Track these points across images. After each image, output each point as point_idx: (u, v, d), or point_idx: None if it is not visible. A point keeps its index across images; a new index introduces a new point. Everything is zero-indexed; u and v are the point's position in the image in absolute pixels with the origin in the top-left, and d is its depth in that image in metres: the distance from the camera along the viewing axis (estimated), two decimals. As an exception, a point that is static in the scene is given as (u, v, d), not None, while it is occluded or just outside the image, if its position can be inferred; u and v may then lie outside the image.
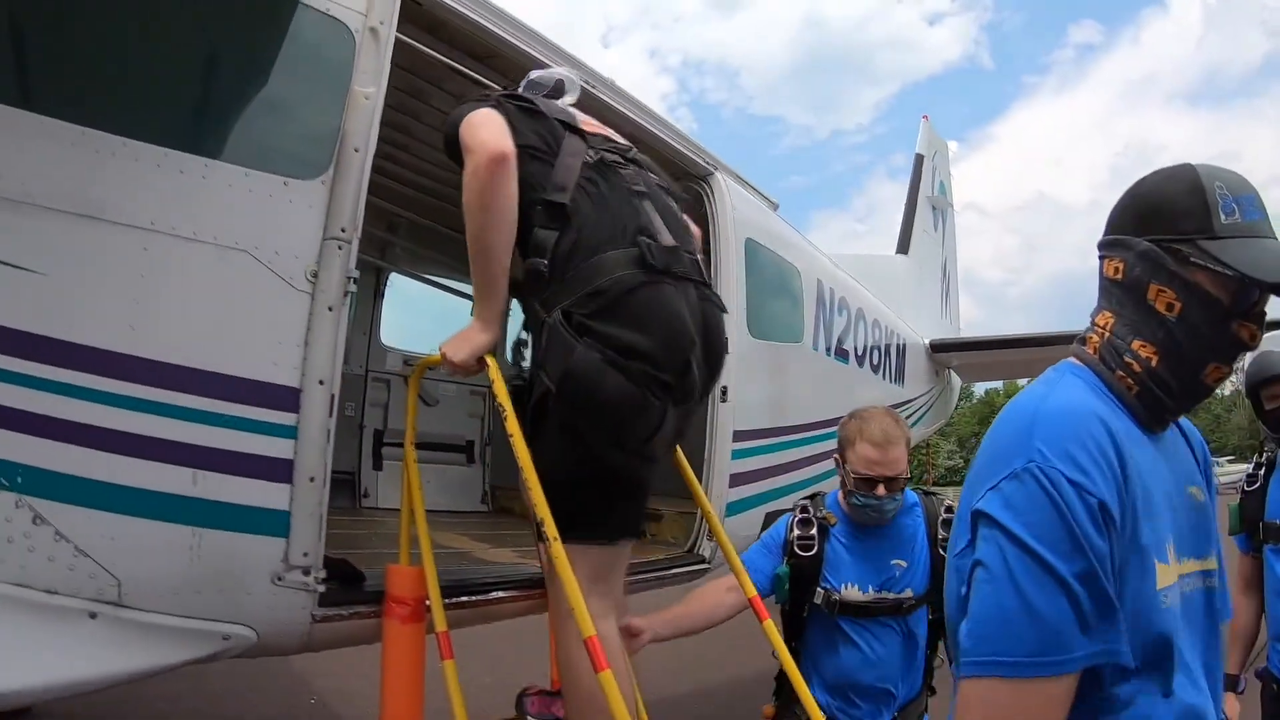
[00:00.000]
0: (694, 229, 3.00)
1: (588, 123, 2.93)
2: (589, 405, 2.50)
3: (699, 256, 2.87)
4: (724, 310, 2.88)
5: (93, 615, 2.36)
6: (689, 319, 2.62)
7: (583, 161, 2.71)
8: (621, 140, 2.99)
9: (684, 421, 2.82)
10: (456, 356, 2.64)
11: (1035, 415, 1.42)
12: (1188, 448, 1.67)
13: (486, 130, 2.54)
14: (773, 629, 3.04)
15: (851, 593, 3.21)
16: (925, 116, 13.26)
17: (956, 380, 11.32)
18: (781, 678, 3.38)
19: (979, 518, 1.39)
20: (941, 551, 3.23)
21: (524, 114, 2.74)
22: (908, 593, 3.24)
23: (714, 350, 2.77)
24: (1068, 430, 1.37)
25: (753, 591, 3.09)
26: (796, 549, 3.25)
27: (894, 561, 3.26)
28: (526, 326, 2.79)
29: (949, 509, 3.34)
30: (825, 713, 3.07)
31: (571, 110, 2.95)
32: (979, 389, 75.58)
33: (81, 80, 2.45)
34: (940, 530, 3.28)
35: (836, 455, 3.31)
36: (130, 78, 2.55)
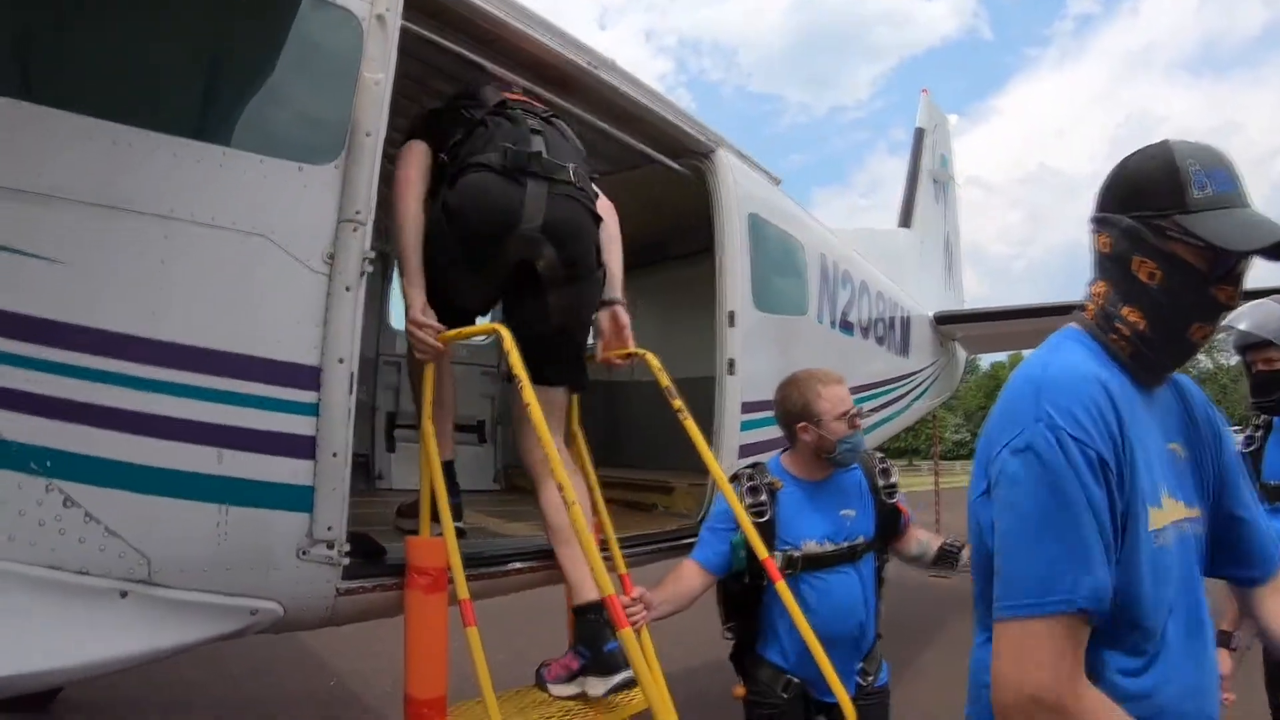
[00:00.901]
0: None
1: (514, 95, 3.53)
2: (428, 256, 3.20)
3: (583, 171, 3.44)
4: (586, 205, 3.39)
5: (124, 594, 2.42)
6: (523, 207, 3.17)
7: (493, 106, 3.38)
8: (540, 105, 3.56)
9: (571, 299, 3.40)
10: (412, 311, 3.16)
11: (1041, 380, 1.59)
12: (1182, 409, 1.82)
13: (405, 163, 3.29)
14: (785, 590, 3.12)
15: (810, 547, 3.34)
16: (925, 90, 13.24)
17: (961, 353, 11.36)
18: (737, 656, 3.55)
19: (995, 475, 1.58)
20: (885, 499, 3.51)
21: (462, 103, 3.46)
22: (860, 539, 3.42)
23: (562, 235, 3.27)
24: (1070, 393, 1.54)
25: (765, 553, 3.17)
26: (750, 516, 3.32)
27: (843, 512, 3.42)
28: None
29: (882, 459, 3.61)
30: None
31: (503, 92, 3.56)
32: (984, 362, 75.57)
33: (99, 74, 2.50)
34: (879, 479, 3.53)
35: (801, 425, 3.41)
36: (147, 70, 2.59)
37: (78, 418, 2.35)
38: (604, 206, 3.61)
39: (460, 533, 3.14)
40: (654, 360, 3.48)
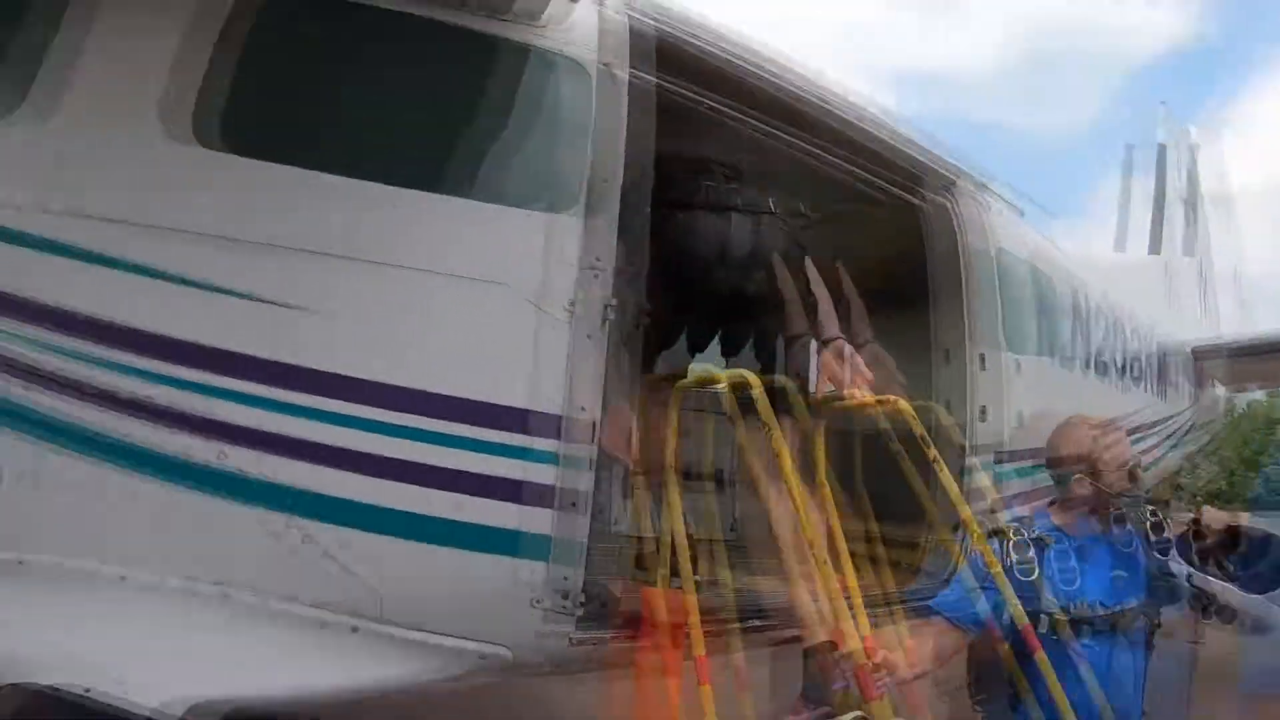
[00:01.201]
0: None
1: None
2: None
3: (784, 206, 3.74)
4: (791, 238, 3.67)
5: (354, 629, 2.51)
6: (729, 239, 3.49)
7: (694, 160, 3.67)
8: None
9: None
10: None
11: None
12: None
13: None
14: (1045, 661, 2.84)
15: (1081, 609, 3.02)
16: (1163, 103, 12.40)
17: (1221, 391, 10.37)
18: None
19: None
20: (1159, 556, 3.10)
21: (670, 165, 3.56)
22: (1132, 602, 3.07)
23: (765, 265, 3.56)
24: None
25: (1024, 619, 2.90)
26: (1017, 574, 3.03)
27: (1115, 574, 3.09)
28: None
29: (1154, 512, 3.18)
30: None
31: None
32: (1242, 400, 69.55)
33: (353, 137, 2.67)
34: (1152, 534, 3.10)
35: (1077, 477, 3.13)
36: (394, 132, 2.74)
37: (321, 459, 2.46)
38: (810, 243, 3.74)
39: (695, 585, 3.05)
40: (907, 407, 3.28)
